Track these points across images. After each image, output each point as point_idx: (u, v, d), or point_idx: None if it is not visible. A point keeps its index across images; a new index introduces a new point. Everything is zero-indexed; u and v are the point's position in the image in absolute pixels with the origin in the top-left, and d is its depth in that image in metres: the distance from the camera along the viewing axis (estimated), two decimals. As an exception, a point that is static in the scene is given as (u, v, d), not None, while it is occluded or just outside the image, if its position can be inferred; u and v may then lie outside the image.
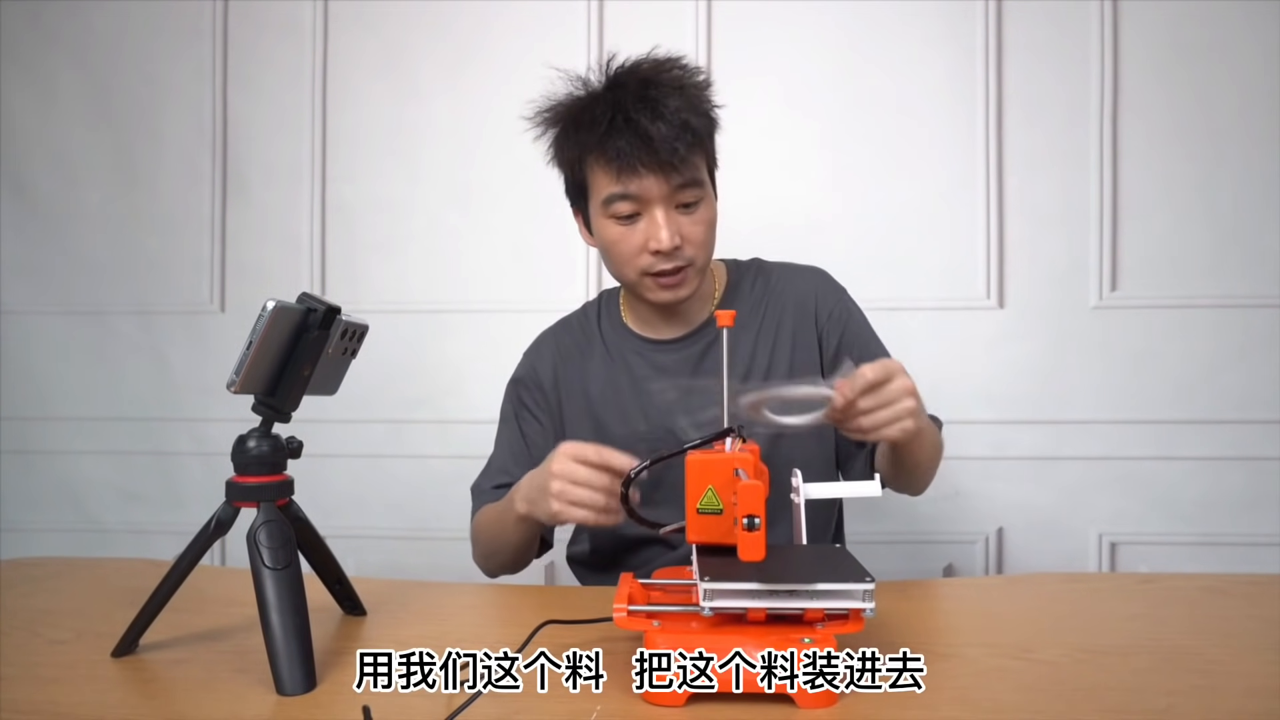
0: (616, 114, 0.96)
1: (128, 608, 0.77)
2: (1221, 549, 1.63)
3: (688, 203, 1.01)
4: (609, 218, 1.02)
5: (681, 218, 1.01)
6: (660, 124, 0.95)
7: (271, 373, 0.72)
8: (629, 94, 0.97)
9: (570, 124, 1.02)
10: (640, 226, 1.01)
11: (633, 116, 0.95)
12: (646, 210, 1.00)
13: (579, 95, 1.03)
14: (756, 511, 0.60)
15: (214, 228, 1.84)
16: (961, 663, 0.72)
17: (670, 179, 0.98)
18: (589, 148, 0.99)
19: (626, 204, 1.00)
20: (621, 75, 1.00)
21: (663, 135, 0.95)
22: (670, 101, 0.96)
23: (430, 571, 1.73)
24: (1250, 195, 1.62)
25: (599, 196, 1.02)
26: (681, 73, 1.01)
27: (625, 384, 1.13)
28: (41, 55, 1.85)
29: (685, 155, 0.97)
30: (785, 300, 1.15)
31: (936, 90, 1.68)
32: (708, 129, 1.02)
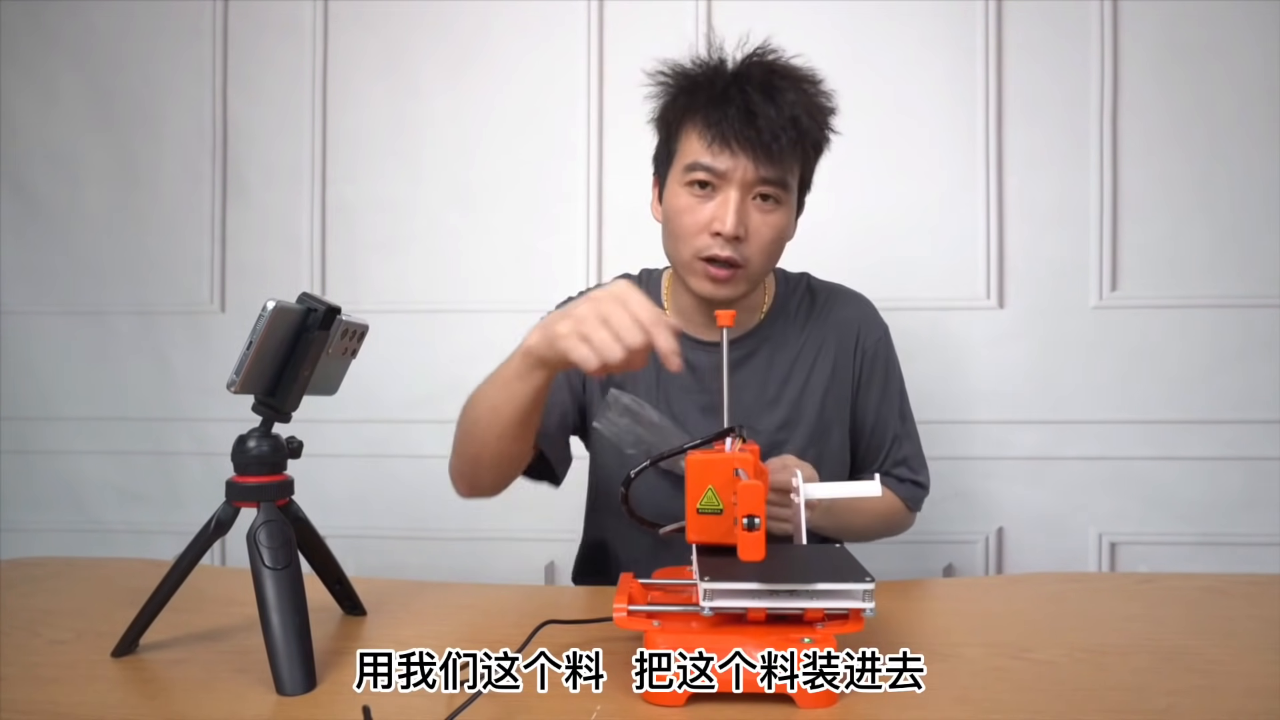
0: (732, 86, 0.94)
1: (128, 608, 0.77)
2: (1221, 549, 1.63)
3: (766, 196, 0.97)
4: (685, 185, 0.98)
5: (754, 211, 0.97)
6: (771, 108, 0.92)
7: (271, 373, 0.72)
8: (753, 75, 0.96)
9: (686, 87, 0.99)
10: (711, 204, 0.97)
11: (748, 90, 0.93)
12: (723, 189, 0.96)
13: (706, 65, 1.00)
14: (756, 511, 0.60)
15: (214, 228, 1.84)
16: (961, 663, 0.72)
17: (758, 167, 0.94)
18: (694, 110, 0.97)
19: (706, 174, 0.96)
20: (752, 61, 0.98)
21: (769, 120, 0.92)
22: (789, 94, 0.94)
23: (430, 571, 1.74)
24: (1249, 195, 1.62)
25: (683, 161, 0.98)
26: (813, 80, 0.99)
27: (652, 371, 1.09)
28: (42, 56, 1.85)
29: (783, 150, 0.93)
30: (829, 325, 1.13)
31: (936, 90, 1.68)
32: (815, 139, 0.98)
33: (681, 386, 1.09)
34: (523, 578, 1.73)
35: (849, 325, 1.13)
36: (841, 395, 1.12)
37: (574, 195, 1.76)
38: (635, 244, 1.74)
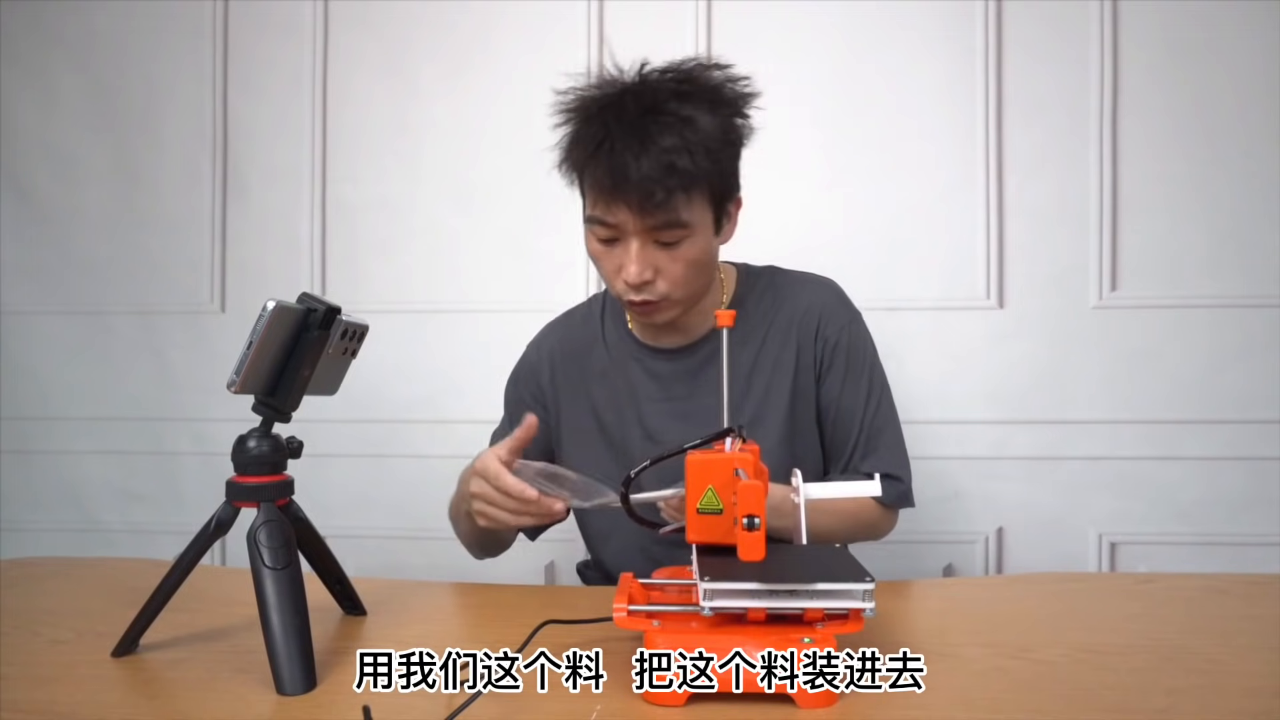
0: (604, 140, 0.91)
1: (128, 608, 0.77)
2: (1221, 549, 1.63)
3: (666, 241, 0.96)
4: (591, 235, 1.00)
5: (659, 253, 0.96)
6: (644, 161, 0.89)
7: (271, 373, 0.72)
8: (627, 120, 0.91)
9: (570, 134, 0.98)
10: (616, 252, 0.98)
11: (617, 147, 0.90)
12: (623, 238, 0.97)
13: (586, 100, 0.96)
14: (756, 511, 0.60)
15: (214, 228, 1.84)
16: (961, 663, 0.72)
17: (644, 218, 0.93)
18: (576, 165, 0.97)
19: (603, 229, 0.97)
20: (635, 89, 0.94)
21: (643, 174, 0.89)
22: (664, 138, 0.90)
23: (430, 571, 1.73)
24: (1250, 195, 1.62)
25: (586, 211, 1.01)
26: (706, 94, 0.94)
27: (622, 388, 1.12)
28: (42, 56, 1.85)
29: (664, 199, 0.91)
30: (792, 314, 1.11)
31: (936, 90, 1.68)
32: (708, 168, 0.93)
33: (649, 397, 1.10)
34: (523, 578, 1.72)
35: (810, 312, 1.11)
36: (807, 386, 1.10)
37: (573, 194, 1.75)
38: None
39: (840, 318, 1.11)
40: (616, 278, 0.99)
